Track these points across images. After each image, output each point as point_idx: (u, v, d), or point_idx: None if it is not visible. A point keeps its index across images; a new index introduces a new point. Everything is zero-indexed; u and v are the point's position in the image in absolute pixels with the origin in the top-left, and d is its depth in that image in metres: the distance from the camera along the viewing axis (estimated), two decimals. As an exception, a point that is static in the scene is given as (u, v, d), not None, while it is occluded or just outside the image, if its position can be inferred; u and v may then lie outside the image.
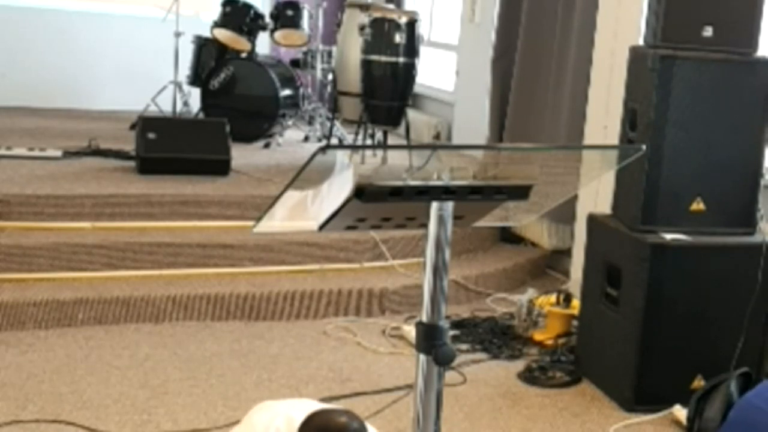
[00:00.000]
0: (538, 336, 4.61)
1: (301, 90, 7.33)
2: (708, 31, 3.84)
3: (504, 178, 1.77)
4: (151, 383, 3.85)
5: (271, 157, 6.45)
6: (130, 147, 5.92)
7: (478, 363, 4.34)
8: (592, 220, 4.23)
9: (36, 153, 5.80)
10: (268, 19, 7.22)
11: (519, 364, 4.34)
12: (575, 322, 4.51)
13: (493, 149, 4.87)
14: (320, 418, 2.28)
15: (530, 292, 4.82)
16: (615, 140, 4.43)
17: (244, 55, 7.09)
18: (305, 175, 1.61)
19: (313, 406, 2.48)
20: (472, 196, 1.74)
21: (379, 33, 6.01)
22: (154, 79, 7.17)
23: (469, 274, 5.22)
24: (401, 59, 6.03)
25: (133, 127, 6.56)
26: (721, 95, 3.86)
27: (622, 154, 2.06)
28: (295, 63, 7.51)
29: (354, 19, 6.43)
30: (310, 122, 7.37)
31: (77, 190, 5.03)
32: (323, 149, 1.57)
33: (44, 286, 4.51)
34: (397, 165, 5.62)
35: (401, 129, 6.31)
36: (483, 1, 6.87)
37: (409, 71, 6.11)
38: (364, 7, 6.40)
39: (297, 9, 7.19)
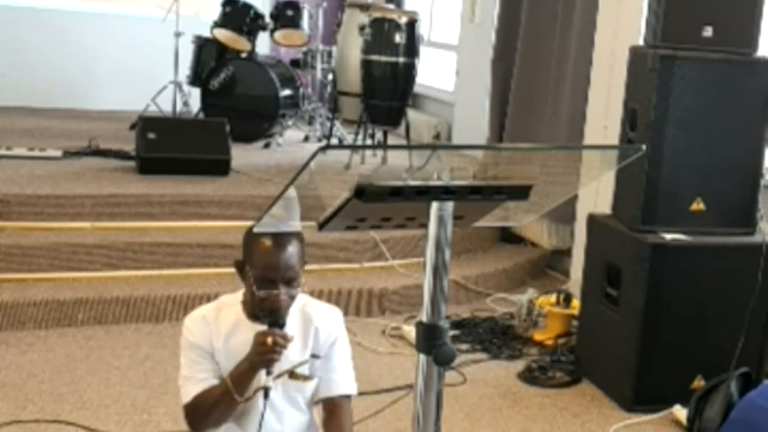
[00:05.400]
0: (538, 336, 4.61)
1: (301, 90, 7.33)
2: (708, 31, 3.84)
3: (504, 178, 1.76)
4: (151, 383, 3.85)
5: (271, 157, 6.45)
6: (130, 147, 5.92)
7: (478, 363, 4.34)
8: (592, 220, 4.23)
9: (36, 153, 5.80)
10: (268, 19, 7.22)
11: (519, 364, 4.34)
12: (575, 322, 4.51)
13: (493, 149, 4.89)
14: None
15: (530, 292, 4.82)
16: (615, 140, 4.43)
17: (244, 55, 7.09)
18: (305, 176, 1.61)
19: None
20: (472, 196, 1.74)
21: (379, 33, 6.01)
22: (154, 79, 7.16)
23: (469, 274, 5.22)
24: (401, 59, 6.03)
25: (133, 127, 6.56)
26: (721, 95, 3.86)
27: (622, 154, 2.06)
28: (295, 63, 7.51)
29: (354, 19, 6.43)
30: (310, 122, 7.37)
31: (77, 190, 5.03)
32: (323, 149, 1.57)
33: (44, 286, 4.51)
34: (397, 165, 5.63)
35: (401, 129, 6.31)
36: (483, 1, 6.87)
37: (409, 71, 6.11)
38: (364, 7, 6.40)
39: (297, 9, 7.19)
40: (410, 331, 4.45)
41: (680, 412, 3.77)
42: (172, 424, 3.50)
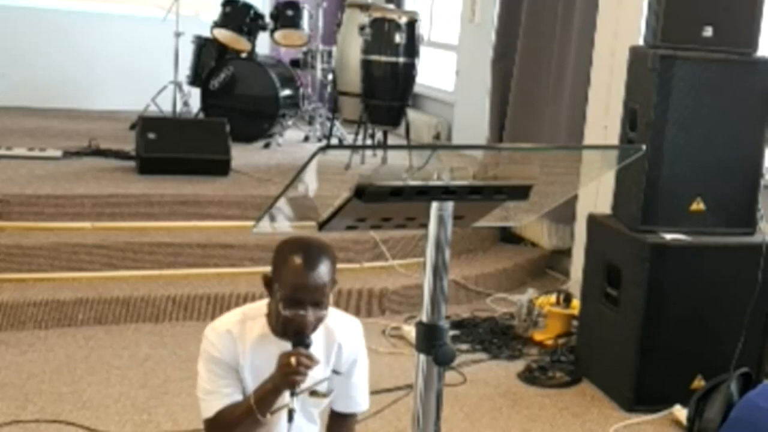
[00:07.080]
0: (538, 336, 4.61)
1: (301, 90, 7.33)
2: (708, 31, 3.84)
3: (504, 178, 1.76)
4: (151, 383, 3.85)
5: (271, 157, 6.45)
6: (130, 147, 5.92)
7: (478, 363, 4.34)
8: (592, 220, 4.23)
9: (36, 153, 5.80)
10: (268, 19, 7.22)
11: (519, 364, 4.34)
12: (575, 322, 4.51)
13: (493, 149, 4.87)
14: (288, 239, 2.34)
15: (530, 292, 4.82)
16: (615, 140, 4.43)
17: (244, 55, 7.09)
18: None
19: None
20: (472, 196, 1.74)
21: (379, 33, 6.01)
22: (154, 79, 7.16)
23: (469, 274, 5.22)
24: (401, 59, 6.03)
25: (133, 127, 6.56)
26: (721, 95, 3.86)
27: (622, 154, 2.06)
28: (295, 63, 7.51)
29: (354, 19, 6.43)
30: (310, 122, 7.37)
31: (77, 190, 5.03)
32: (323, 149, 1.57)
33: (44, 286, 4.51)
34: (397, 165, 5.62)
35: (401, 129, 6.31)
36: (483, 1, 6.88)
37: (409, 71, 6.11)
38: (364, 7, 6.40)
39: (297, 9, 7.19)
40: (410, 331, 4.45)
41: (680, 412, 3.77)
42: (172, 424, 3.50)
